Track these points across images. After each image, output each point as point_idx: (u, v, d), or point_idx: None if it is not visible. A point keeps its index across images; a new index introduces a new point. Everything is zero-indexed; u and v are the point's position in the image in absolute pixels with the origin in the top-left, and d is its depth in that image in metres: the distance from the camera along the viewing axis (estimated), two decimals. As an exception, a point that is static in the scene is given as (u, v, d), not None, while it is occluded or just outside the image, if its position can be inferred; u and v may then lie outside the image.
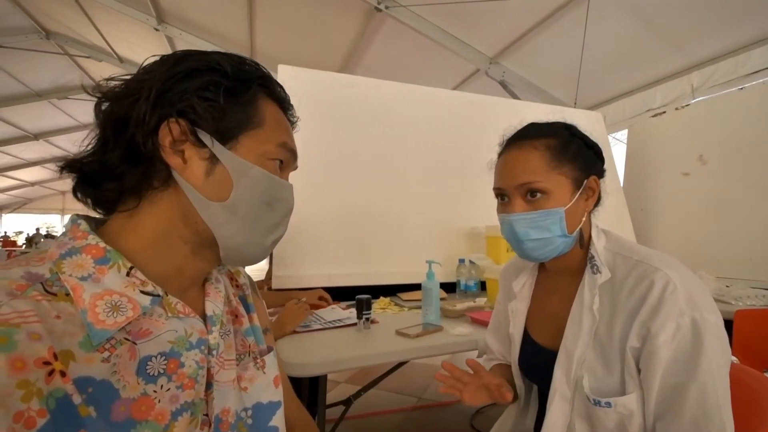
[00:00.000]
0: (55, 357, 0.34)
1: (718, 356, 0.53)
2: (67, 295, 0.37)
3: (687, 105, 2.60)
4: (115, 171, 0.42)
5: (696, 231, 2.29)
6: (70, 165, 0.43)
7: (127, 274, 0.41)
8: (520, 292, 0.78)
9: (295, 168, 0.54)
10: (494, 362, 0.90)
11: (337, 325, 1.22)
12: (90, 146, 0.44)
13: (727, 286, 1.67)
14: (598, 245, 0.66)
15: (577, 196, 0.65)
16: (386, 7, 3.15)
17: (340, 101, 1.88)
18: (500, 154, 0.71)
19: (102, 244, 0.41)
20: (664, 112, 2.71)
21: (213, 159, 0.43)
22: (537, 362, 0.73)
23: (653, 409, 0.55)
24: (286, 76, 1.77)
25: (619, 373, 0.58)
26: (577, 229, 0.66)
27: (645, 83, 3.08)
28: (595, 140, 0.71)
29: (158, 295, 0.42)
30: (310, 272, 1.61)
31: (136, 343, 0.40)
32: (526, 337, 0.76)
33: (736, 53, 2.50)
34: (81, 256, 0.40)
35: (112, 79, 0.44)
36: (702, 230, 2.26)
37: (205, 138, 0.43)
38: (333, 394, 2.20)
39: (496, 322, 0.90)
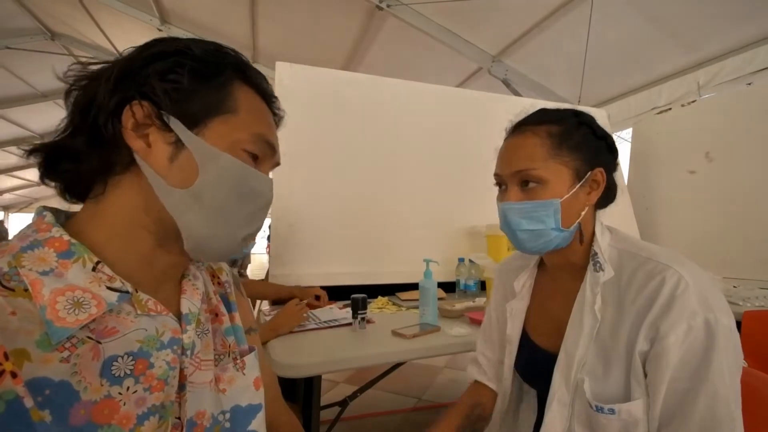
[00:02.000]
0: (6, 357, 0.32)
1: (731, 361, 0.50)
2: (26, 290, 0.35)
3: (693, 101, 2.56)
4: (74, 153, 0.41)
5: (703, 230, 2.24)
6: (36, 150, 0.42)
7: (93, 269, 0.38)
8: (520, 292, 0.75)
9: (277, 164, 0.51)
10: (477, 377, 0.84)
11: (332, 324, 1.20)
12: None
13: (734, 287, 1.63)
14: (602, 242, 0.62)
15: (576, 188, 0.61)
16: (388, 6, 3.13)
17: (340, 99, 1.85)
18: (504, 140, 0.68)
19: (66, 237, 0.39)
20: (670, 108, 2.66)
21: (178, 144, 0.41)
22: (536, 365, 0.69)
23: (659, 414, 0.52)
24: (284, 73, 1.75)
25: (624, 378, 0.55)
26: (576, 223, 0.62)
27: (650, 81, 3.03)
28: (607, 131, 0.66)
29: (127, 292, 0.40)
30: (308, 271, 1.59)
31: (100, 342, 0.38)
32: (525, 339, 0.72)
33: (743, 50, 2.45)
34: (43, 249, 0.37)
35: (79, 63, 0.43)
36: (709, 229, 2.21)
37: (172, 122, 0.41)
38: (331, 395, 2.18)
39: (488, 326, 0.85)
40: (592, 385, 0.57)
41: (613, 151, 0.66)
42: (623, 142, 3.43)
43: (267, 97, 0.49)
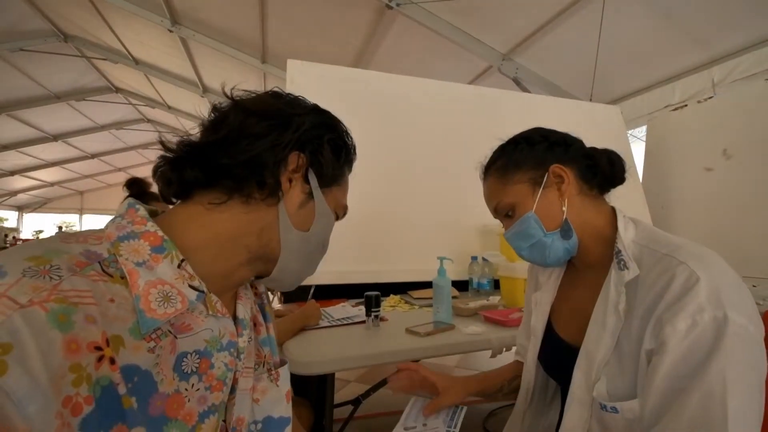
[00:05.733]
0: (107, 343, 0.33)
1: (740, 365, 0.45)
2: (122, 278, 0.37)
3: (710, 97, 2.51)
4: (238, 174, 0.45)
5: (720, 229, 2.19)
6: (189, 145, 0.47)
7: (178, 266, 0.40)
8: (546, 283, 0.75)
9: None
10: (518, 358, 0.88)
11: (346, 322, 1.20)
12: (199, 133, 0.48)
13: (753, 286, 1.59)
14: (626, 238, 0.60)
15: (539, 194, 0.64)
16: (397, 5, 3.13)
17: (351, 96, 1.85)
18: None
19: (160, 233, 0.41)
20: (686, 105, 2.61)
21: (309, 195, 0.50)
22: (559, 358, 0.69)
23: (648, 412, 0.48)
24: (294, 71, 1.75)
25: (633, 377, 0.53)
26: (562, 219, 0.63)
27: (663, 78, 2.98)
28: (552, 130, 0.70)
29: (203, 291, 0.42)
30: (321, 269, 1.55)
31: (177, 337, 0.40)
32: (550, 331, 0.72)
33: (759, 46, 2.40)
34: (138, 241, 0.39)
35: (251, 92, 0.51)
36: (727, 228, 2.16)
37: (312, 178, 0.50)
38: (343, 393, 2.18)
39: (525, 316, 0.89)
40: (608, 385, 0.55)
41: (558, 144, 0.67)
42: (635, 140, 3.38)
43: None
